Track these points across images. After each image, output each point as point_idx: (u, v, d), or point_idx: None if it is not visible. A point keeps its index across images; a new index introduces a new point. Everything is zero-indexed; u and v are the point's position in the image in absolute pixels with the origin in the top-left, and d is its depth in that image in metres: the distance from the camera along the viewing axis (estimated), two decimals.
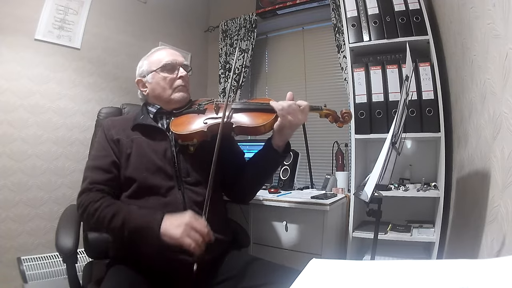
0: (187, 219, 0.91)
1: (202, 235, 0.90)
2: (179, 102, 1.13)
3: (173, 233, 0.89)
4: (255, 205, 1.57)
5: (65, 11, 1.86)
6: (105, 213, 0.94)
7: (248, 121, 1.05)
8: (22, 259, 1.63)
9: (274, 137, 1.06)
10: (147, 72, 1.14)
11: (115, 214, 0.93)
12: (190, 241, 0.88)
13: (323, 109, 1.12)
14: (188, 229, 0.89)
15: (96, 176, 1.01)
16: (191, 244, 0.88)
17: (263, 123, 1.03)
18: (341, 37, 2.05)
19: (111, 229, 0.96)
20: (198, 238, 0.89)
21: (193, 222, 0.91)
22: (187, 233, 0.89)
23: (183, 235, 0.88)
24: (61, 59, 1.86)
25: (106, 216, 0.93)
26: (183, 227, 0.89)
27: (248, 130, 1.06)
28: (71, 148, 1.89)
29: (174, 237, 0.89)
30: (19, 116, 1.69)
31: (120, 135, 1.07)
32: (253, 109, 1.08)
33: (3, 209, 1.63)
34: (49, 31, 1.80)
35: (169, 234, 0.89)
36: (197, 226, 0.90)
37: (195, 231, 0.90)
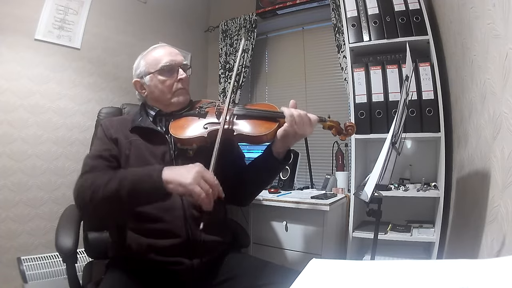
0: (197, 167, 0.84)
1: (212, 186, 0.83)
2: (179, 105, 1.10)
3: (182, 179, 0.82)
4: (255, 205, 1.57)
5: (65, 11, 1.86)
6: (100, 181, 0.87)
7: (250, 130, 1.02)
8: (22, 259, 1.63)
9: (276, 143, 1.03)
10: (144, 73, 1.09)
11: (111, 178, 0.87)
12: (200, 190, 0.81)
13: (327, 121, 1.08)
14: (199, 177, 0.82)
15: (97, 163, 0.98)
16: (202, 194, 0.81)
17: (265, 133, 1.00)
18: (341, 37, 2.06)
19: (107, 196, 0.85)
20: (208, 189, 0.82)
21: (204, 171, 0.84)
22: (198, 181, 0.82)
23: (193, 182, 0.81)
24: (61, 59, 1.86)
25: (101, 183, 0.86)
26: (193, 174, 0.82)
27: (250, 139, 1.02)
28: (71, 148, 1.89)
29: (184, 182, 0.81)
30: (19, 116, 1.69)
31: (118, 134, 1.05)
32: (255, 116, 1.04)
33: (3, 209, 1.63)
34: (49, 31, 1.80)
35: (177, 181, 0.82)
36: (208, 176, 0.84)
37: (205, 181, 0.83)
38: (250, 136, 1.02)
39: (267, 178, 1.16)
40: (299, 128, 0.98)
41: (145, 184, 0.84)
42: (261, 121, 1.03)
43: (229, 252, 1.09)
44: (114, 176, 0.88)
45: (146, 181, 0.85)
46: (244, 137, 1.03)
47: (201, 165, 0.86)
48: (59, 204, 1.80)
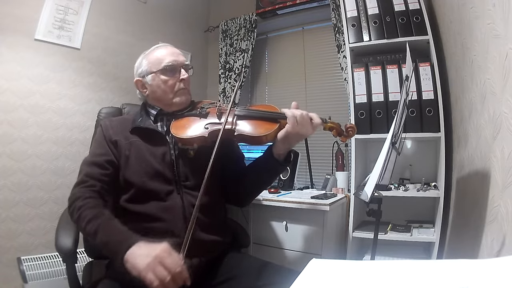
0: (157, 251, 0.78)
1: (172, 274, 0.77)
2: (181, 105, 1.10)
3: (137, 263, 0.77)
4: (255, 205, 1.57)
5: (65, 11, 1.86)
6: (85, 214, 0.90)
7: (251, 130, 1.02)
8: (22, 259, 1.63)
9: (277, 145, 1.03)
10: (146, 73, 1.09)
11: (94, 218, 0.89)
12: (153, 277, 0.75)
13: (327, 122, 1.08)
14: (156, 263, 0.77)
15: (91, 171, 0.99)
16: (154, 282, 0.75)
17: (266, 133, 1.00)
18: (341, 37, 2.06)
19: (86, 232, 0.90)
20: (164, 276, 0.75)
21: (164, 256, 0.78)
22: (153, 267, 0.76)
23: (147, 268, 0.76)
24: (61, 59, 1.86)
25: (85, 218, 0.89)
26: (149, 259, 0.77)
27: (250, 139, 1.03)
28: (71, 148, 1.89)
29: (137, 267, 0.77)
30: (19, 116, 1.69)
31: (118, 136, 1.05)
32: (256, 117, 1.05)
33: (3, 209, 1.63)
34: (49, 31, 1.80)
35: (133, 263, 0.78)
36: (168, 262, 0.77)
37: (163, 268, 0.77)
38: (250, 137, 1.02)
39: (267, 179, 1.16)
40: (301, 128, 0.98)
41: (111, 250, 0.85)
42: (262, 122, 1.04)
43: (228, 252, 1.09)
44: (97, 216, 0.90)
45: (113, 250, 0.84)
46: (245, 138, 1.03)
47: (166, 248, 0.81)
48: (59, 204, 1.80)
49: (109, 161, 1.02)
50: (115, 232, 0.87)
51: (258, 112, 1.06)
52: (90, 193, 0.95)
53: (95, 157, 1.03)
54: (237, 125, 1.04)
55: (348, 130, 1.08)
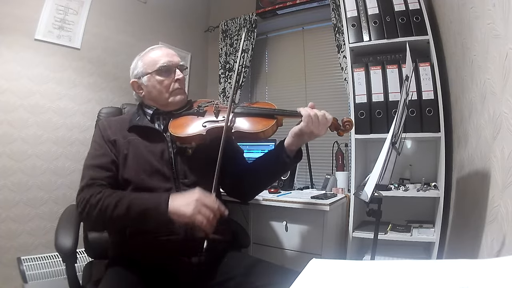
0: (196, 195, 0.89)
1: (213, 211, 0.89)
2: (177, 105, 1.11)
3: (184, 211, 0.87)
4: (255, 205, 1.57)
5: (65, 11, 1.86)
6: (108, 202, 0.91)
7: (248, 127, 1.03)
8: (22, 259, 1.63)
9: (290, 140, 1.03)
10: (142, 74, 1.10)
11: (119, 200, 0.91)
12: (201, 217, 0.87)
13: None
14: (199, 205, 0.88)
15: (95, 174, 0.99)
16: (203, 221, 0.87)
17: (263, 129, 1.01)
18: (341, 37, 2.06)
19: (115, 218, 0.91)
20: (209, 214, 0.88)
21: (203, 198, 0.89)
22: (198, 209, 0.87)
23: (194, 212, 0.87)
24: (61, 59, 1.86)
25: (109, 205, 0.91)
26: (193, 204, 0.88)
27: (247, 135, 1.04)
28: (71, 148, 1.89)
29: (185, 215, 0.87)
30: (19, 116, 1.69)
31: (116, 135, 1.06)
32: (253, 113, 1.06)
33: (3, 209, 1.63)
34: (49, 31, 1.80)
35: (179, 212, 0.88)
36: (207, 202, 0.89)
37: (205, 208, 0.88)
38: (248, 133, 1.03)
39: (274, 174, 1.15)
40: (316, 128, 0.98)
41: (152, 214, 0.89)
42: (259, 119, 1.05)
43: (228, 251, 1.09)
44: (121, 200, 0.92)
45: (153, 211, 0.89)
46: (242, 134, 1.04)
47: (200, 192, 0.91)
48: (59, 204, 1.80)
49: (111, 161, 1.02)
50: (147, 199, 0.92)
51: (255, 109, 1.07)
52: (100, 189, 0.96)
53: (97, 160, 1.03)
54: (235, 122, 1.05)
55: (345, 124, 1.08)
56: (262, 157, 1.15)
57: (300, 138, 1.02)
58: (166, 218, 0.88)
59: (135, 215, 0.90)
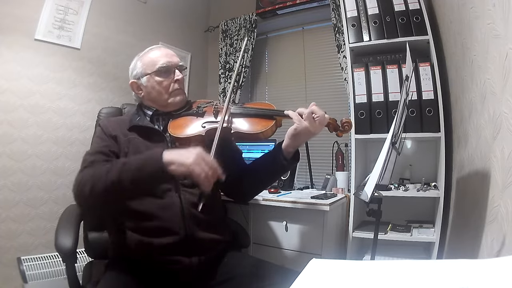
0: (197, 150, 0.86)
1: (212, 168, 0.86)
2: (176, 105, 1.12)
3: (183, 160, 0.84)
4: (255, 205, 1.57)
5: (65, 11, 1.86)
6: (100, 171, 0.88)
7: (247, 127, 1.04)
8: (22, 259, 1.63)
9: (287, 142, 1.04)
10: (141, 74, 1.10)
11: (112, 166, 0.88)
12: (200, 170, 0.83)
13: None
14: (199, 158, 0.85)
15: (96, 158, 0.98)
16: (202, 174, 0.84)
17: (262, 130, 1.02)
18: (341, 37, 2.06)
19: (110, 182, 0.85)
20: (208, 170, 0.85)
21: (203, 154, 0.86)
22: (198, 162, 0.84)
23: (194, 163, 0.83)
24: (61, 59, 1.86)
25: (102, 173, 0.87)
26: (194, 156, 0.84)
27: (247, 136, 1.04)
28: (71, 148, 1.89)
29: (185, 163, 0.83)
30: (19, 116, 1.69)
31: (117, 132, 1.06)
32: (252, 114, 1.06)
33: (3, 209, 1.63)
34: (49, 31, 1.80)
35: (179, 161, 0.84)
36: (207, 158, 0.86)
37: (205, 163, 0.85)
38: (247, 134, 1.04)
39: (273, 176, 1.16)
40: (310, 125, 0.98)
41: (148, 168, 0.85)
42: (258, 119, 1.05)
43: (228, 251, 1.09)
44: (114, 164, 0.89)
45: (148, 164, 0.86)
46: (242, 135, 1.04)
47: (201, 149, 0.87)
48: (59, 204, 1.80)
49: (112, 151, 1.02)
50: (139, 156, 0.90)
51: (254, 110, 1.07)
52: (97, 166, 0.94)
53: (98, 148, 1.03)
54: (234, 123, 1.05)
55: (344, 125, 1.09)
56: (260, 158, 1.16)
57: (296, 138, 1.02)
58: (162, 169, 0.84)
59: (130, 173, 0.85)
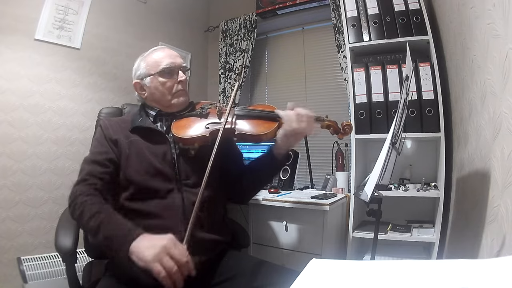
0: (164, 242, 0.80)
1: (179, 264, 0.78)
2: (179, 106, 1.12)
3: (144, 255, 0.78)
4: (255, 205, 1.57)
5: (65, 11, 1.86)
6: (87, 209, 0.89)
7: (251, 129, 1.05)
8: (22, 259, 1.63)
9: (277, 143, 1.06)
10: (144, 75, 1.10)
11: (96, 213, 0.88)
12: (160, 268, 0.76)
13: (324, 120, 1.11)
14: (162, 253, 0.78)
15: (92, 169, 0.99)
16: (161, 272, 0.76)
17: (265, 132, 1.04)
18: (341, 37, 2.05)
19: (88, 228, 0.89)
20: (171, 267, 0.77)
21: (170, 247, 0.79)
22: (160, 258, 0.77)
23: (154, 259, 0.77)
24: (61, 59, 1.86)
25: (87, 213, 0.89)
26: (157, 250, 0.78)
27: (250, 137, 1.06)
28: (71, 148, 1.89)
29: (144, 259, 0.78)
30: (19, 116, 1.69)
31: (118, 135, 1.06)
32: (256, 116, 1.08)
33: (3, 209, 1.63)
34: (49, 31, 1.80)
35: (139, 255, 0.79)
36: (175, 252, 0.79)
37: (170, 258, 0.78)
38: (251, 135, 1.05)
39: (266, 177, 1.18)
40: (297, 124, 1.00)
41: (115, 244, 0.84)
42: (261, 121, 1.07)
43: (228, 251, 1.09)
44: (99, 211, 0.89)
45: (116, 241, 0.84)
46: (245, 137, 1.06)
47: (172, 239, 0.82)
48: (59, 204, 1.80)
49: (110, 159, 1.02)
50: (119, 226, 0.87)
51: (257, 112, 1.09)
52: (91, 191, 0.95)
53: (96, 156, 1.03)
54: (238, 125, 1.06)
55: (344, 127, 1.11)
56: (254, 161, 1.17)
57: (286, 139, 1.03)
58: (125, 255, 0.81)
59: (101, 237, 0.86)
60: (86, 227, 0.90)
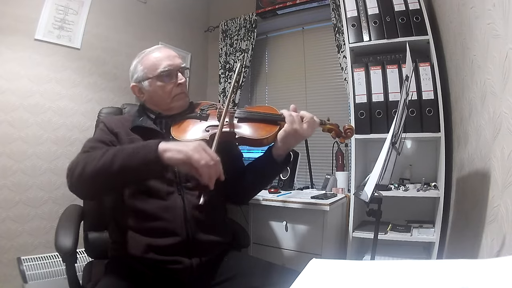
0: (198, 142, 0.83)
1: (214, 159, 0.81)
2: (179, 109, 1.11)
3: (181, 147, 0.80)
4: (255, 205, 1.57)
5: (65, 11, 1.86)
6: (95, 154, 0.86)
7: (251, 133, 1.04)
8: (22, 259, 1.63)
9: (276, 145, 1.04)
10: (142, 78, 1.08)
11: (108, 149, 0.86)
12: (200, 157, 0.78)
13: (326, 124, 1.10)
14: (200, 147, 0.81)
15: (96, 145, 0.98)
16: (201, 160, 0.78)
17: (266, 136, 1.02)
18: (341, 37, 2.05)
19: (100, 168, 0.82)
20: (209, 159, 0.80)
21: (205, 145, 0.83)
22: (199, 150, 0.80)
23: (194, 150, 0.79)
24: (61, 59, 1.86)
25: (96, 155, 0.84)
26: (194, 144, 0.81)
27: (251, 141, 1.04)
28: (71, 148, 1.89)
29: (183, 149, 0.79)
30: (19, 116, 1.69)
31: (119, 130, 1.06)
32: (257, 119, 1.06)
33: (3, 209, 1.63)
34: (49, 31, 1.80)
35: (176, 148, 0.80)
36: (209, 150, 0.83)
37: (206, 153, 0.81)
38: (251, 139, 1.03)
39: (265, 179, 1.17)
40: (299, 128, 0.99)
41: (141, 153, 0.80)
42: (262, 124, 1.05)
43: (228, 251, 1.09)
44: (110, 149, 0.86)
45: (143, 149, 0.81)
46: (245, 140, 1.04)
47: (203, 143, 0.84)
48: (59, 204, 1.80)
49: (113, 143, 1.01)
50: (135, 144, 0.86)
51: (258, 114, 1.07)
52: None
53: (100, 137, 1.03)
54: (238, 127, 1.05)
55: (346, 131, 1.10)
56: (252, 163, 1.16)
57: (286, 141, 1.02)
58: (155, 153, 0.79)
59: (121, 158, 0.81)
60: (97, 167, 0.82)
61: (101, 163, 0.82)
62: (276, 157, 1.06)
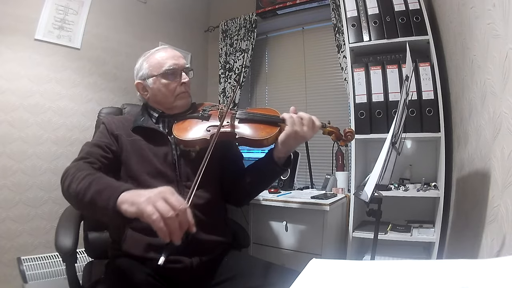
0: (163, 188, 0.73)
1: (177, 211, 0.69)
2: (182, 108, 1.12)
3: (136, 198, 0.71)
4: (255, 205, 1.57)
5: (65, 11, 1.86)
6: (79, 174, 0.84)
7: (252, 133, 1.04)
8: (22, 259, 1.63)
9: (277, 147, 1.04)
10: (147, 76, 1.09)
11: (88, 175, 0.84)
12: (153, 209, 0.68)
13: (327, 127, 1.11)
14: (157, 197, 0.70)
15: (93, 150, 0.99)
16: (154, 214, 0.67)
17: (267, 137, 1.03)
18: (341, 37, 2.06)
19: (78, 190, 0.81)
20: (167, 211, 0.68)
21: (167, 193, 0.71)
22: (154, 200, 0.69)
23: (147, 201, 0.69)
24: (61, 59, 1.86)
25: (79, 177, 0.83)
26: (152, 194, 0.71)
27: (251, 142, 1.05)
28: (71, 148, 1.89)
29: (137, 201, 0.70)
30: (19, 116, 1.69)
31: (120, 131, 1.06)
32: (257, 120, 1.07)
33: (3, 209, 1.63)
34: (49, 31, 1.80)
35: (131, 200, 0.72)
36: (171, 199, 0.70)
37: (165, 202, 0.69)
38: (251, 140, 1.04)
39: (266, 181, 1.17)
40: (300, 130, 0.99)
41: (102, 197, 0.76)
42: (263, 125, 1.06)
43: (228, 251, 1.09)
44: (90, 176, 0.84)
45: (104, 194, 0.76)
46: (246, 141, 1.05)
47: (171, 189, 0.74)
48: (59, 204, 1.80)
49: (111, 148, 1.02)
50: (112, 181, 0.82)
51: (259, 116, 1.08)
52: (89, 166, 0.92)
53: (98, 141, 1.03)
54: (239, 128, 1.06)
55: (347, 134, 1.11)
56: (253, 164, 1.16)
57: (287, 143, 1.02)
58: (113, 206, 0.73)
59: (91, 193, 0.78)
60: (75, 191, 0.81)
61: (79, 188, 0.81)
62: (276, 159, 1.06)
